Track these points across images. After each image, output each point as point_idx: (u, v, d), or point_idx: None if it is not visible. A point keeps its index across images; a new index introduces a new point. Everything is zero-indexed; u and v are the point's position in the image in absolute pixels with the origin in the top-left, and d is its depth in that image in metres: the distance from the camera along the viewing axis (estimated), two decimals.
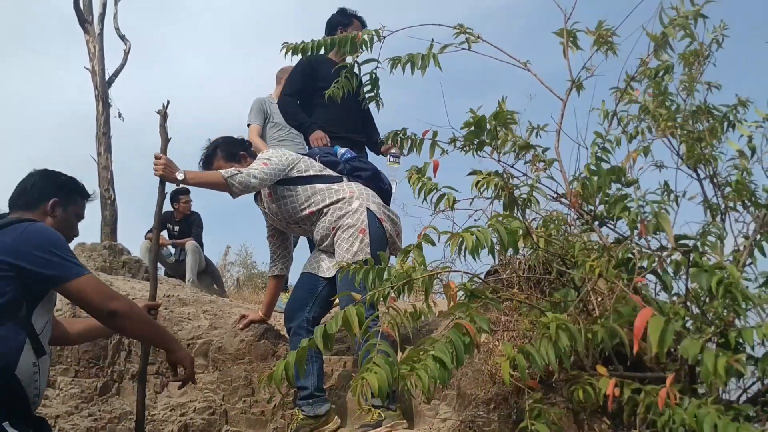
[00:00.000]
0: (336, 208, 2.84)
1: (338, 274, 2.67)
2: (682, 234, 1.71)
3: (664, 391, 1.23)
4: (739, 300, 1.34)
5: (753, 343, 1.30)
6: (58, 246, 1.92)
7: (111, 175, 8.46)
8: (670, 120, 1.99)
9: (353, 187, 2.91)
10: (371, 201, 2.87)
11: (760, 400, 1.60)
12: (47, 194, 2.11)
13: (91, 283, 1.92)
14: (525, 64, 2.03)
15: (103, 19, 8.92)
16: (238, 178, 2.70)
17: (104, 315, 1.94)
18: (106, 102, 8.61)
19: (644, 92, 2.07)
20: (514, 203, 1.80)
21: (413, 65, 2.01)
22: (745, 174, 1.97)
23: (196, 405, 3.01)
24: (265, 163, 2.81)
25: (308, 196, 2.87)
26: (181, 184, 2.66)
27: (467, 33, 2.01)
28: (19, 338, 1.83)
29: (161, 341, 2.15)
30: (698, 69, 2.02)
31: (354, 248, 2.73)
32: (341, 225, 2.79)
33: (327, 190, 2.88)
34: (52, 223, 2.08)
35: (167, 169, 2.59)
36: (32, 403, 1.88)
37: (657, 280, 1.72)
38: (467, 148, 1.92)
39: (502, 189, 1.78)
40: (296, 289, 2.95)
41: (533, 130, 2.05)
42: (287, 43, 2.21)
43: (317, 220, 2.88)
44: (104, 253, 4.65)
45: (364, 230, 2.76)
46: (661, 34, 1.92)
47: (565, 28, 2.02)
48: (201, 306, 3.44)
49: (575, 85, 2.01)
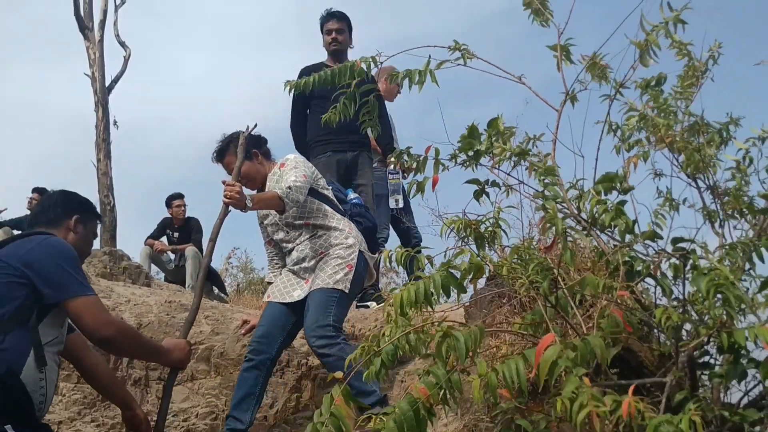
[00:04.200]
0: (332, 235, 2.84)
1: (313, 292, 2.70)
2: (679, 237, 1.73)
3: (626, 402, 1.23)
4: (731, 301, 1.36)
5: (744, 343, 1.32)
6: (69, 261, 1.95)
7: (111, 181, 8.48)
8: (669, 129, 2.02)
9: (352, 226, 2.93)
10: (364, 247, 2.90)
11: (761, 404, 1.62)
12: (70, 211, 2.17)
13: (90, 306, 1.93)
14: (519, 78, 2.07)
15: (103, 26, 8.97)
16: (292, 196, 2.68)
17: (96, 339, 1.96)
18: (106, 108, 8.65)
19: (643, 102, 2.11)
20: (482, 239, 1.84)
21: (410, 81, 2.05)
22: (743, 181, 2.01)
23: (198, 410, 3.03)
24: (305, 175, 2.80)
25: (313, 210, 2.87)
26: (247, 210, 2.58)
27: (462, 50, 2.05)
28: (26, 345, 1.86)
29: (150, 357, 2.18)
30: (695, 83, 2.07)
31: (338, 276, 2.73)
32: (330, 253, 2.80)
33: (332, 215, 2.90)
34: (74, 239, 2.13)
35: (241, 196, 2.50)
36: (38, 410, 1.89)
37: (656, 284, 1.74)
38: (467, 163, 1.95)
39: (467, 228, 1.82)
40: (266, 320, 2.82)
41: (529, 140, 2.09)
42: (289, 81, 2.24)
43: (307, 236, 2.87)
44: (104, 259, 4.67)
45: (351, 266, 2.77)
46: (644, 41, 1.97)
47: (558, 44, 2.07)
48: (203, 311, 3.45)
49: (569, 96, 2.05)
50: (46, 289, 1.89)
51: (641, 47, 1.96)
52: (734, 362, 1.47)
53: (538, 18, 2.15)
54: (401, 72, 2.08)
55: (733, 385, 1.58)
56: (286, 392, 3.11)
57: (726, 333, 1.39)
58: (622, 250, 1.71)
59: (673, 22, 1.94)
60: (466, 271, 1.64)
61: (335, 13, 4.19)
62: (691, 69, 2.10)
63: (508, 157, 2.01)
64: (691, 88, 2.09)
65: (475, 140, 1.93)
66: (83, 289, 1.93)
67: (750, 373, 1.50)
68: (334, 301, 2.67)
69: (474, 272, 1.65)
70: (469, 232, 1.84)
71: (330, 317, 2.62)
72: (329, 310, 2.64)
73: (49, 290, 1.89)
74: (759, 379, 1.55)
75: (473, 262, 1.65)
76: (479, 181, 1.94)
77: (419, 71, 2.03)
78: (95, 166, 8.51)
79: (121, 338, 1.98)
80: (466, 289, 1.69)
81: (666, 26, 1.94)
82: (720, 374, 1.53)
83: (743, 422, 1.41)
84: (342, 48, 4.21)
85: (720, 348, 1.50)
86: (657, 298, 1.75)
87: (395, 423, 1.40)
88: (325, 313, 2.63)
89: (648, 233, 1.81)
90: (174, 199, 6.77)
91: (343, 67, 2.15)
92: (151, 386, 3.04)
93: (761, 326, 1.33)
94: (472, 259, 1.66)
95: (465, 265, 1.64)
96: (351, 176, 4.13)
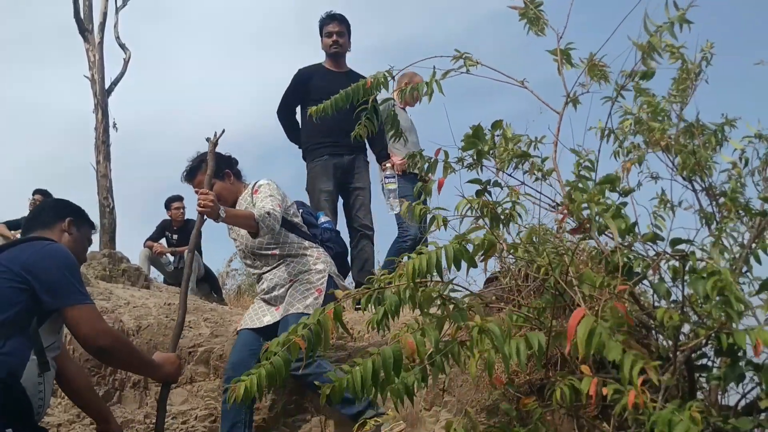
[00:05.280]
0: (301, 262, 2.86)
1: (283, 319, 2.71)
2: (678, 238, 1.74)
3: (632, 393, 1.24)
4: (732, 303, 1.36)
5: (745, 346, 1.32)
6: (70, 269, 1.96)
7: (110, 183, 8.49)
8: (664, 132, 2.04)
9: (321, 251, 2.93)
10: (334, 271, 2.90)
11: (757, 406, 1.62)
12: (63, 214, 2.19)
13: (87, 315, 1.93)
14: (522, 82, 2.09)
15: (103, 28, 8.98)
16: (268, 222, 2.70)
17: (92, 349, 1.96)
18: (105, 110, 8.66)
19: (638, 105, 2.12)
20: (498, 219, 1.85)
21: (419, 93, 2.09)
22: (739, 183, 2.01)
23: (197, 413, 3.03)
24: (279, 205, 2.82)
25: (279, 240, 2.87)
26: (220, 221, 2.60)
27: (465, 58, 2.08)
28: (26, 350, 1.86)
29: (143, 370, 2.19)
30: (690, 85, 2.08)
31: (307, 301, 2.74)
32: (300, 279, 2.82)
33: (299, 243, 2.90)
34: (69, 241, 2.14)
35: (216, 205, 2.52)
36: (36, 414, 1.91)
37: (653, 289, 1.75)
38: (473, 165, 1.98)
39: (485, 207, 1.83)
40: (238, 348, 2.85)
41: (531, 142, 2.10)
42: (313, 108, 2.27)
43: (275, 265, 2.88)
44: (104, 262, 4.67)
45: (320, 290, 2.78)
46: (647, 43, 1.97)
47: (558, 48, 2.09)
48: (202, 314, 3.45)
49: (571, 100, 2.06)
50: (46, 296, 1.89)
51: (643, 49, 1.96)
52: (732, 365, 1.48)
53: (534, 27, 2.16)
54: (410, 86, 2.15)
55: (731, 387, 1.58)
56: (285, 394, 3.10)
57: (726, 334, 1.40)
58: (621, 251, 1.71)
59: (678, 23, 1.91)
60: (479, 246, 1.64)
61: (336, 15, 4.19)
62: (685, 72, 2.11)
63: (510, 159, 2.03)
64: (686, 91, 2.11)
65: (479, 140, 1.95)
66: (82, 297, 1.94)
67: (747, 375, 1.51)
68: None
69: (486, 248, 1.65)
70: (486, 213, 1.85)
71: None
72: None
73: (48, 297, 1.90)
74: (756, 382, 1.56)
75: (487, 238, 1.65)
76: (481, 180, 1.95)
77: (426, 83, 2.07)
78: (95, 168, 8.52)
79: (116, 348, 1.98)
80: (477, 263, 1.70)
81: (671, 26, 1.91)
82: (718, 376, 1.54)
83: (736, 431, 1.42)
84: (342, 51, 4.21)
85: (717, 350, 1.50)
86: (655, 300, 1.75)
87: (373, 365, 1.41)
88: None
89: (648, 235, 1.81)
90: (173, 201, 6.76)
91: (356, 87, 2.18)
92: (150, 389, 3.04)
93: (762, 329, 1.34)
94: (487, 235, 1.66)
95: (478, 240, 1.64)
96: (348, 180, 4.13)
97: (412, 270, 1.56)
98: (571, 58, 2.10)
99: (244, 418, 2.72)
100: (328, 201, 4.03)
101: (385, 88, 2.18)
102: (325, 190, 4.04)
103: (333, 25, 4.16)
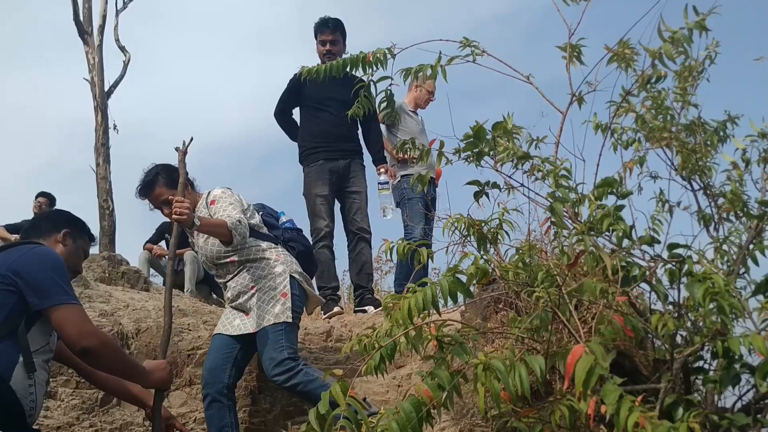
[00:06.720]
0: (258, 267, 2.84)
1: (259, 333, 2.72)
2: (675, 243, 1.73)
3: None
4: (725, 309, 1.36)
5: (739, 352, 1.32)
6: (56, 270, 1.95)
7: (109, 185, 8.50)
8: (666, 131, 2.02)
9: (280, 251, 2.91)
10: (294, 270, 2.87)
11: (753, 408, 1.62)
12: (59, 225, 2.19)
13: (73, 316, 1.91)
14: (527, 77, 2.06)
15: (102, 31, 8.99)
16: (241, 230, 2.70)
17: (77, 350, 1.93)
18: (105, 113, 8.66)
19: (641, 103, 2.10)
20: (484, 239, 1.84)
21: (424, 74, 2.05)
22: (738, 184, 2.00)
23: (196, 415, 3.03)
24: (242, 211, 2.82)
25: (237, 246, 2.82)
26: (194, 230, 2.60)
27: (472, 46, 2.04)
28: (14, 353, 1.87)
29: (131, 375, 2.15)
30: (692, 83, 2.06)
31: (276, 309, 2.73)
32: (261, 287, 2.79)
33: (256, 246, 2.87)
34: (63, 252, 2.13)
35: (191, 213, 2.52)
36: (28, 416, 1.90)
37: (651, 290, 1.75)
38: (470, 159, 1.95)
39: (471, 227, 1.82)
40: (212, 353, 2.86)
41: (532, 142, 2.08)
42: (304, 67, 2.24)
43: (235, 272, 2.87)
44: (103, 264, 4.66)
45: (285, 294, 2.77)
46: (661, 48, 1.93)
47: (569, 43, 2.04)
48: (201, 317, 3.46)
49: (576, 98, 2.03)
50: (32, 297, 1.89)
51: (655, 56, 1.91)
52: (728, 367, 1.48)
53: None
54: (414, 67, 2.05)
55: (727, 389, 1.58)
56: (284, 397, 3.11)
57: (720, 341, 1.40)
58: (619, 255, 1.71)
59: (697, 29, 1.85)
60: (471, 275, 1.64)
61: (329, 22, 4.14)
62: (688, 69, 2.08)
63: (510, 158, 2.01)
64: (688, 89, 2.08)
65: (480, 141, 1.93)
66: (67, 297, 1.92)
67: (743, 377, 1.51)
68: (281, 334, 2.70)
69: (479, 277, 1.66)
70: (472, 232, 1.84)
71: (284, 351, 2.66)
72: (280, 345, 2.67)
73: (34, 297, 1.89)
74: (752, 384, 1.56)
75: (478, 267, 1.65)
76: (479, 182, 1.94)
77: (430, 66, 2.03)
78: (94, 171, 8.53)
79: (102, 350, 1.94)
80: (473, 294, 1.70)
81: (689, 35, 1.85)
82: (714, 379, 1.54)
83: (733, 426, 1.41)
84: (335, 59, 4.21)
85: (714, 353, 1.50)
86: (652, 303, 1.75)
87: (398, 424, 1.40)
88: (277, 349, 2.66)
89: (645, 238, 1.81)
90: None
91: (354, 58, 2.12)
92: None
93: (756, 335, 1.34)
94: (476, 263, 1.66)
95: (471, 269, 1.64)
96: (344, 184, 4.13)
97: (408, 309, 1.56)
98: (582, 55, 2.04)
99: (230, 421, 2.72)
100: (324, 205, 4.04)
101: (383, 67, 2.12)
102: (320, 194, 4.04)
103: (326, 33, 4.13)
